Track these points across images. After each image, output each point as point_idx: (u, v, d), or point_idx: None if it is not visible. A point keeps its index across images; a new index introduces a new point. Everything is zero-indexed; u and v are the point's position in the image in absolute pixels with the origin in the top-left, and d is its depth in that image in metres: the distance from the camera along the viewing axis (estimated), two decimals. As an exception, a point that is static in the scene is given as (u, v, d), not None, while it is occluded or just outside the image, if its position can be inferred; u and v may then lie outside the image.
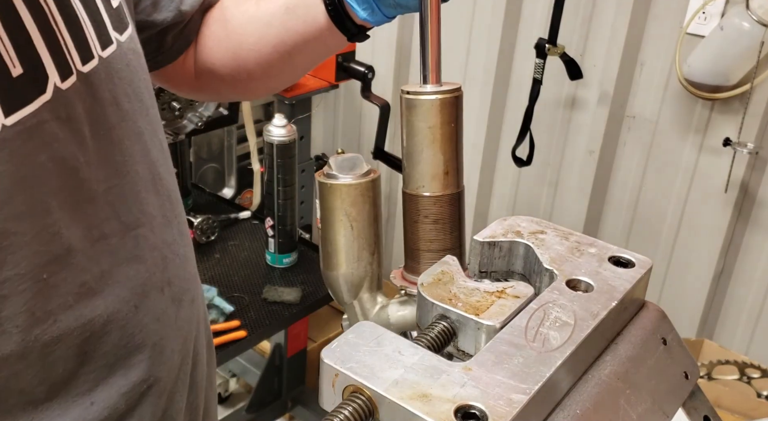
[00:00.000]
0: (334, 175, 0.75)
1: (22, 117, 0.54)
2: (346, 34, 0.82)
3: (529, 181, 2.25)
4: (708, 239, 1.97)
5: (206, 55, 0.89)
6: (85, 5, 0.62)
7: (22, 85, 0.55)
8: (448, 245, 0.75)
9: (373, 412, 0.57)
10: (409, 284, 0.76)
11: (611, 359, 0.67)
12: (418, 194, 0.75)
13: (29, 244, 0.56)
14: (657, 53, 1.92)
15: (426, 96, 0.74)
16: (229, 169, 2.40)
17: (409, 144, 0.75)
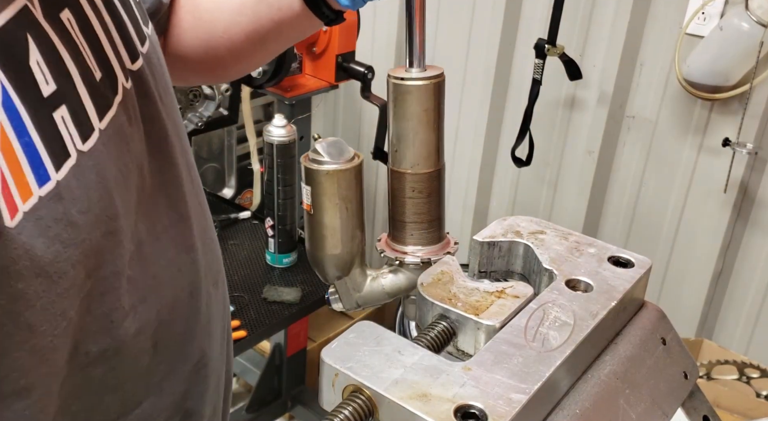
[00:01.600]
0: (325, 160, 0.76)
1: (109, 120, 0.57)
2: (323, 20, 0.82)
3: (529, 182, 2.25)
4: (707, 239, 1.97)
5: (175, 42, 0.86)
6: (122, 2, 0.63)
7: (104, 89, 0.57)
8: (434, 215, 0.78)
9: (373, 412, 0.57)
10: (401, 254, 0.79)
11: (611, 359, 0.67)
12: (414, 172, 0.77)
13: (122, 243, 0.58)
14: (656, 53, 1.92)
15: (422, 81, 0.75)
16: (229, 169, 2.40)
17: (403, 127, 0.76)
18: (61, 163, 0.51)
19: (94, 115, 0.55)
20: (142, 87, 0.63)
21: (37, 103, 0.50)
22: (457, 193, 2.39)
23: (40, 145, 0.50)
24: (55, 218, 0.50)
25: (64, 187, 0.51)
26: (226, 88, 1.87)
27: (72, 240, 0.52)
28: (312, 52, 1.95)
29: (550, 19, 1.87)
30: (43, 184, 0.50)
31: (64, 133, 0.52)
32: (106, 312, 0.58)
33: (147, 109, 0.63)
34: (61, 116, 0.52)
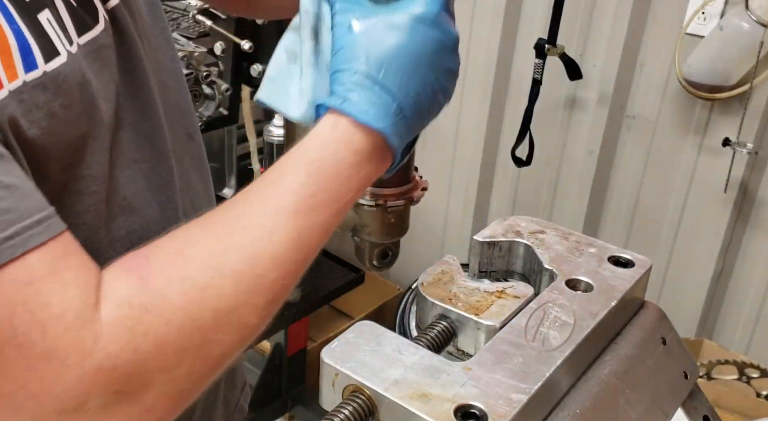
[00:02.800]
0: None
1: (88, 40, 0.61)
2: None
3: (529, 181, 2.25)
4: (707, 238, 1.97)
5: None
6: None
7: (82, 13, 0.61)
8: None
9: (373, 411, 0.57)
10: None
11: (611, 359, 0.67)
12: None
13: (100, 150, 0.62)
14: (656, 53, 1.92)
15: None
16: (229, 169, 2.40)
17: None
18: (51, 57, 0.56)
19: (73, 30, 0.59)
20: (116, 25, 0.66)
21: (22, 5, 0.55)
22: (457, 193, 2.39)
23: (29, 35, 0.54)
24: (36, 104, 0.55)
25: (50, 79, 0.55)
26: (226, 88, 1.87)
27: (50, 130, 0.56)
28: (312, 52, 1.94)
29: (550, 19, 1.86)
30: (30, 70, 0.54)
31: (52, 33, 0.56)
32: (81, 211, 0.62)
33: (123, 47, 0.66)
34: (46, 18, 0.56)
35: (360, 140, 0.58)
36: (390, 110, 0.58)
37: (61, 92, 0.57)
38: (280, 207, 0.57)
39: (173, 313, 0.53)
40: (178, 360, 0.53)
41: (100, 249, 0.64)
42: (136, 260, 0.54)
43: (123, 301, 0.52)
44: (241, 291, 0.55)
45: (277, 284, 0.57)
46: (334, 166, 0.58)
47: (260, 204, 0.58)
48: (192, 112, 0.83)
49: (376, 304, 2.51)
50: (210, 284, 0.54)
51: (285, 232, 0.57)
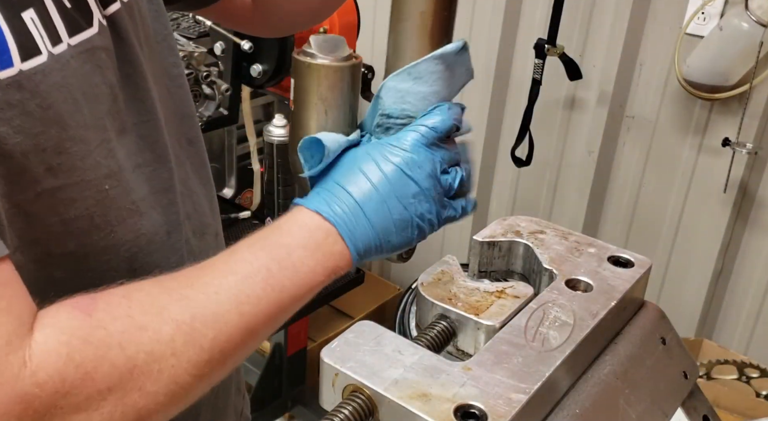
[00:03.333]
0: (313, 54, 0.71)
1: (81, 40, 0.60)
2: None
3: (529, 182, 2.25)
4: (707, 238, 1.97)
5: None
6: None
7: (75, 15, 0.61)
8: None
9: (373, 411, 0.57)
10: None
11: (611, 359, 0.67)
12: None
13: (93, 153, 0.62)
14: (656, 53, 1.92)
15: None
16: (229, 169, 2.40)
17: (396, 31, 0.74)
18: (29, 55, 0.56)
19: (64, 30, 0.59)
20: (115, 30, 0.66)
21: (5, 2, 0.54)
22: (457, 193, 2.39)
23: (7, 33, 0.54)
24: (9, 102, 0.54)
25: (26, 78, 0.55)
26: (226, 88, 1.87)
27: (24, 129, 0.56)
28: (312, 52, 1.95)
29: (550, 19, 1.86)
30: (3, 68, 0.54)
31: (34, 32, 0.56)
32: (76, 217, 0.62)
33: (123, 51, 0.67)
34: (30, 17, 0.56)
35: (313, 224, 0.62)
36: (344, 205, 0.63)
37: (39, 92, 0.56)
38: (228, 270, 0.60)
39: (110, 348, 0.52)
40: (100, 402, 0.52)
41: (91, 254, 0.64)
42: (84, 299, 0.54)
43: (65, 330, 0.52)
44: (178, 341, 0.55)
45: (216, 344, 0.57)
46: (287, 243, 0.62)
47: (211, 267, 0.60)
48: (194, 118, 0.83)
49: (376, 304, 2.51)
50: (148, 326, 0.54)
51: (230, 293, 0.58)
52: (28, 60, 0.56)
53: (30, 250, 0.60)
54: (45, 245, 0.61)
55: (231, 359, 0.60)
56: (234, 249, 0.61)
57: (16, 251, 0.59)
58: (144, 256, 0.69)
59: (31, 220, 0.59)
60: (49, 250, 0.62)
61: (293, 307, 0.62)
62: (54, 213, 0.60)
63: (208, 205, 0.83)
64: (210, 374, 0.58)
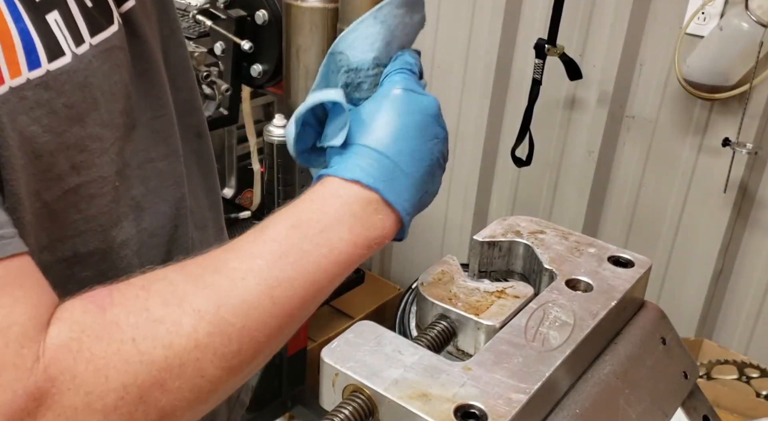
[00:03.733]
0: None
1: (101, 40, 0.62)
2: None
3: (529, 181, 2.25)
4: (707, 238, 1.97)
5: None
6: None
7: (97, 14, 0.62)
8: None
9: (373, 411, 0.57)
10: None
11: (611, 359, 0.67)
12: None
13: (108, 151, 0.63)
14: (656, 53, 1.92)
15: None
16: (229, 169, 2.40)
17: None
18: (55, 57, 0.58)
19: (86, 30, 0.61)
20: (130, 27, 0.68)
21: (31, 5, 0.56)
22: (457, 193, 2.39)
23: (34, 34, 0.56)
24: (38, 101, 0.56)
25: (53, 78, 0.57)
26: (226, 88, 1.87)
27: (52, 128, 0.58)
28: (312, 52, 1.94)
29: (550, 19, 1.86)
30: (33, 69, 0.56)
31: (58, 34, 0.58)
32: (95, 214, 0.63)
33: (138, 48, 0.68)
34: (54, 19, 0.58)
35: (349, 195, 0.58)
36: (381, 167, 0.58)
37: (64, 91, 0.58)
38: (257, 252, 0.55)
39: (122, 343, 0.49)
40: (117, 400, 0.49)
41: (113, 250, 0.66)
42: (101, 292, 0.52)
43: (78, 325, 0.50)
44: (201, 333, 0.51)
45: (245, 334, 0.53)
46: (320, 218, 0.57)
47: (238, 250, 0.56)
48: (201, 112, 0.84)
49: (376, 304, 2.51)
50: (166, 318, 0.51)
51: (260, 277, 0.54)
52: (54, 61, 0.58)
53: (57, 249, 0.62)
54: (71, 243, 0.63)
55: (267, 347, 0.56)
56: (262, 228, 0.57)
57: (44, 251, 0.61)
58: (148, 250, 0.71)
59: (57, 218, 0.61)
60: (75, 248, 0.63)
61: (331, 286, 0.58)
62: (77, 210, 0.62)
63: (208, 199, 0.84)
64: (241, 365, 0.54)
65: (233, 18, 1.77)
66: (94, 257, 0.65)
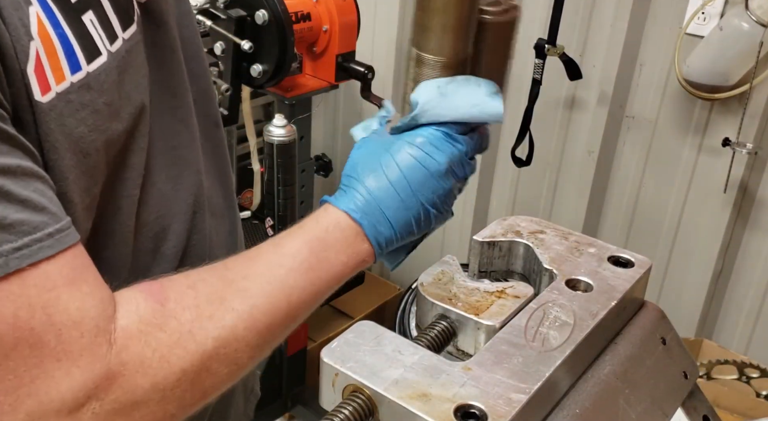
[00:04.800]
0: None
1: (131, 34, 0.66)
2: None
3: (529, 182, 2.25)
4: (707, 238, 1.97)
5: None
6: None
7: (127, 7, 0.66)
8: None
9: (373, 411, 0.57)
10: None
11: (611, 359, 0.67)
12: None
13: (137, 141, 0.67)
14: (656, 54, 1.92)
15: None
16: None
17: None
18: (93, 57, 0.60)
19: (118, 26, 0.64)
20: (148, 16, 0.71)
21: (67, 7, 0.59)
22: (457, 193, 2.39)
23: (72, 38, 0.58)
24: (83, 103, 0.59)
25: (93, 78, 0.60)
26: (226, 88, 1.87)
27: (96, 126, 0.61)
28: (312, 51, 1.94)
29: (550, 19, 1.86)
30: (75, 72, 0.59)
31: (94, 34, 0.61)
32: (123, 195, 0.68)
33: (161, 37, 0.72)
34: (89, 19, 0.60)
35: (346, 224, 0.67)
36: (369, 206, 0.67)
37: (104, 90, 0.61)
38: (276, 263, 0.65)
39: (182, 335, 0.59)
40: (175, 382, 0.58)
41: (131, 233, 0.70)
42: (155, 287, 0.60)
43: (143, 318, 0.58)
44: (239, 328, 0.61)
45: (268, 329, 0.64)
46: (324, 239, 0.67)
47: (262, 260, 0.66)
48: (215, 100, 0.87)
49: (376, 304, 2.51)
50: (214, 315, 0.61)
51: (282, 285, 0.65)
52: (92, 62, 0.60)
53: (87, 224, 0.65)
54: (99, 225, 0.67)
55: (278, 340, 0.67)
56: (278, 242, 0.67)
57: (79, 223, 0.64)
58: (164, 234, 0.74)
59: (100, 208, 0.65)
60: (99, 230, 0.67)
61: (325, 296, 0.69)
62: (113, 192, 0.67)
63: (223, 188, 0.88)
64: (261, 354, 0.65)
65: (233, 18, 1.76)
66: (114, 239, 0.69)
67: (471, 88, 0.69)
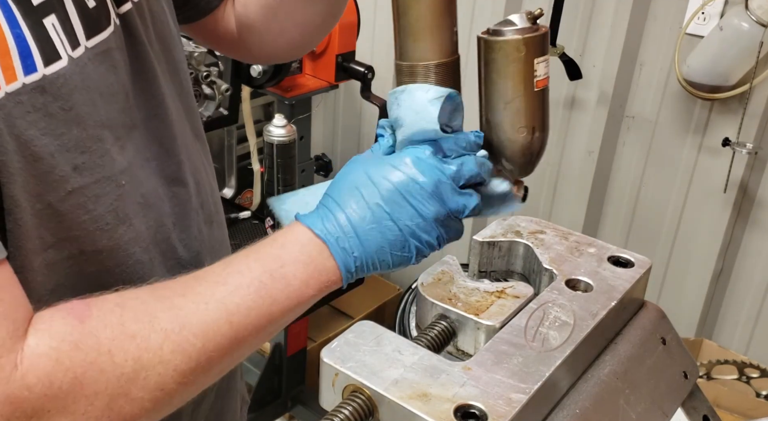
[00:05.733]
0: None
1: (97, 42, 0.63)
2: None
3: (529, 182, 2.25)
4: (707, 238, 1.97)
5: (240, 7, 0.90)
6: None
7: (97, 16, 0.63)
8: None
9: (372, 411, 0.57)
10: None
11: (611, 359, 0.67)
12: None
13: (110, 151, 0.64)
14: (656, 53, 1.92)
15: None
16: (229, 169, 2.40)
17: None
18: (51, 61, 0.58)
19: (82, 33, 0.61)
20: (128, 28, 0.68)
21: (29, 9, 0.57)
22: (457, 193, 2.39)
23: (30, 40, 0.56)
24: (34, 105, 0.57)
25: (49, 82, 0.58)
26: (226, 88, 1.87)
27: (50, 130, 0.58)
28: (312, 51, 1.94)
29: (550, 19, 1.86)
30: (29, 73, 0.56)
31: (55, 38, 0.59)
32: (102, 213, 0.64)
33: (134, 48, 0.69)
34: (51, 23, 0.58)
35: (308, 239, 0.63)
36: (338, 224, 0.63)
37: (61, 95, 0.59)
38: (221, 281, 0.61)
39: (99, 354, 0.54)
40: (87, 406, 0.53)
41: (120, 247, 0.67)
42: (78, 305, 0.56)
43: (57, 335, 0.53)
44: (166, 349, 0.57)
45: (204, 353, 0.58)
46: (280, 256, 0.62)
47: (205, 277, 0.62)
48: (198, 113, 0.85)
49: (376, 304, 2.51)
50: (138, 334, 0.56)
51: (220, 304, 0.59)
52: (50, 65, 0.58)
53: (64, 248, 0.62)
54: (78, 242, 0.63)
55: (217, 367, 0.61)
56: (229, 260, 0.63)
57: (50, 249, 0.61)
58: (155, 246, 0.71)
59: (64, 218, 0.61)
60: (82, 248, 0.63)
61: (284, 319, 0.63)
62: (84, 211, 0.62)
63: (217, 194, 0.86)
64: (195, 381, 0.59)
65: (233, 18, 1.76)
66: (101, 255, 0.65)
67: (417, 94, 0.65)
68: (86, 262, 0.64)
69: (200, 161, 0.82)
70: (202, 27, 0.90)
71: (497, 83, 0.68)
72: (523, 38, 0.66)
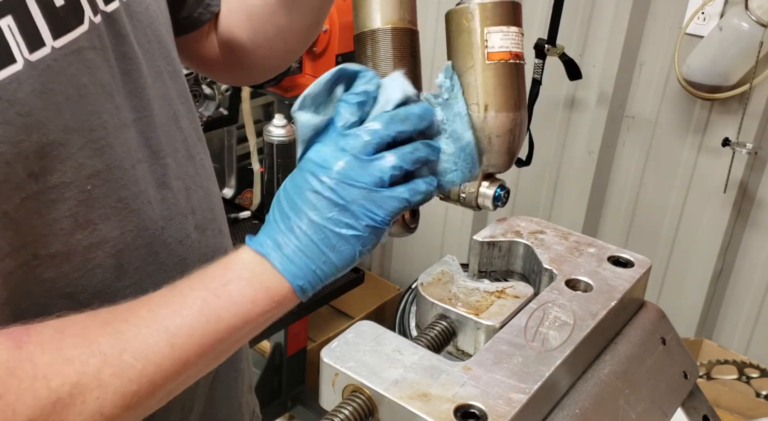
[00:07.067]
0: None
1: (66, 42, 0.60)
2: None
3: (529, 181, 2.25)
4: (707, 238, 1.97)
5: (224, 25, 0.90)
6: None
7: (65, 15, 0.61)
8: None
9: (372, 411, 0.57)
10: None
11: (611, 359, 0.67)
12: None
13: (75, 156, 0.62)
14: (656, 54, 1.92)
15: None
16: (229, 169, 2.40)
17: None
18: (3, 65, 0.56)
19: (47, 33, 0.59)
20: (114, 27, 0.67)
21: None
22: (457, 193, 2.39)
23: None
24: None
25: (2, 88, 0.55)
26: (227, 88, 1.87)
27: (7, 138, 0.56)
28: (312, 51, 1.95)
29: (550, 19, 1.86)
30: None
31: (11, 40, 0.56)
32: (58, 218, 0.62)
33: (119, 48, 0.67)
34: (7, 25, 0.56)
35: (251, 257, 0.61)
36: (273, 236, 0.61)
37: (17, 100, 0.56)
38: (164, 303, 0.60)
39: (35, 379, 0.53)
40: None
41: (78, 252, 0.64)
42: (18, 330, 0.55)
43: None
44: (105, 373, 0.55)
45: (144, 375, 0.57)
46: (224, 274, 0.61)
47: (148, 301, 0.60)
48: (196, 116, 0.84)
49: (376, 304, 2.51)
50: (75, 359, 0.55)
51: (161, 326, 0.58)
52: (3, 69, 0.55)
53: (19, 255, 0.60)
54: (32, 247, 0.61)
55: (162, 389, 0.59)
56: (175, 283, 0.61)
57: (6, 258, 0.59)
58: (130, 251, 0.69)
59: (18, 226, 0.59)
60: (35, 252, 0.62)
61: (233, 337, 0.61)
62: (38, 216, 0.61)
63: (206, 202, 0.83)
64: (138, 404, 0.58)
65: (233, 18, 1.76)
66: (55, 259, 0.63)
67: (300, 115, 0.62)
68: (40, 266, 0.63)
69: (192, 166, 0.79)
70: (186, 43, 0.89)
71: (452, 56, 0.66)
72: (469, 6, 0.63)
